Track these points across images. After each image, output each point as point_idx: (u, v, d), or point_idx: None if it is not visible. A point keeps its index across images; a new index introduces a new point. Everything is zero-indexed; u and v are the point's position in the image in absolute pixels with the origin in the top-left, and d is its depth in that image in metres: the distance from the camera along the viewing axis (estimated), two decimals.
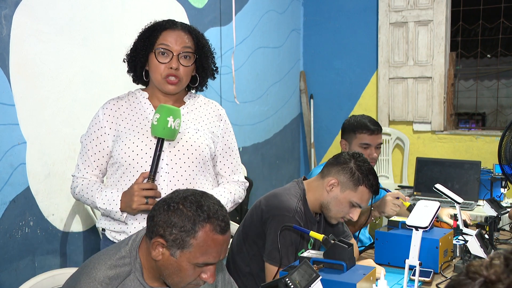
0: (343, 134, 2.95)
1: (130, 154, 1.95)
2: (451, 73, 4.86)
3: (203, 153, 2.00)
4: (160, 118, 1.86)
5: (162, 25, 2.00)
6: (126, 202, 1.89)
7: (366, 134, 2.87)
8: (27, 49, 2.71)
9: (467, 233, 2.51)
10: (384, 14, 4.93)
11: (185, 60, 1.98)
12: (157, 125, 1.87)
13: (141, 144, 1.95)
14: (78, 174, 2.03)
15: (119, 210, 1.91)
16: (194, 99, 2.12)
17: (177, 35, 1.97)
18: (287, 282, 1.49)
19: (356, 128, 2.88)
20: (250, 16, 4.50)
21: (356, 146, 2.87)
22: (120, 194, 1.92)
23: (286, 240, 2.11)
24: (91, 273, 1.46)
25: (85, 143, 2.03)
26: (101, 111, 2.03)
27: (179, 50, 1.96)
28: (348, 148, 2.89)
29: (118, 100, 2.05)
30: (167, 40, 1.96)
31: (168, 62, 1.95)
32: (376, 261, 2.30)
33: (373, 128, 2.88)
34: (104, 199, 1.94)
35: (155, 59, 1.96)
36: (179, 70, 1.96)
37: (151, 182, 1.87)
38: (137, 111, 2.02)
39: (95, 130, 2.01)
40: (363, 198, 2.18)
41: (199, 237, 1.38)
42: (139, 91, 2.08)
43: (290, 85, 5.19)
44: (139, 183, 1.88)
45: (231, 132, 2.16)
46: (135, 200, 1.86)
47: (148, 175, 1.88)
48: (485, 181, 3.46)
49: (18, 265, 2.68)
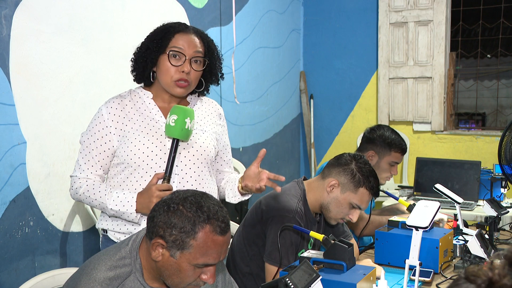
0: (371, 144, 2.87)
1: (140, 155, 1.94)
2: (451, 73, 4.86)
3: (210, 154, 2.04)
4: (178, 119, 1.86)
5: (175, 27, 1.99)
6: (143, 203, 1.88)
7: (400, 154, 2.86)
8: (27, 49, 2.70)
9: (467, 233, 2.51)
10: (384, 14, 4.93)
11: (196, 65, 1.98)
12: (174, 126, 1.87)
13: (151, 146, 1.95)
14: (81, 175, 1.99)
15: (134, 211, 1.90)
16: (196, 99, 2.13)
17: (190, 39, 1.97)
18: (287, 282, 1.49)
19: (392, 146, 2.83)
20: (250, 16, 4.50)
21: (386, 163, 2.84)
22: (134, 195, 1.91)
23: (286, 241, 2.11)
24: (91, 274, 1.46)
25: (88, 142, 1.99)
26: (105, 110, 1.99)
27: (192, 54, 1.96)
28: (376, 161, 2.83)
29: (122, 99, 2.03)
30: (179, 43, 1.96)
31: (180, 65, 1.95)
32: (376, 261, 2.30)
33: (405, 149, 2.90)
34: (116, 200, 1.92)
35: (167, 61, 1.95)
36: (190, 74, 1.96)
37: (167, 183, 1.87)
38: (143, 112, 2.01)
39: (99, 129, 1.98)
40: (363, 200, 2.18)
41: (199, 238, 1.38)
42: (141, 90, 2.06)
43: (290, 85, 5.19)
44: (155, 184, 1.86)
45: (226, 130, 2.23)
46: (155, 201, 1.82)
47: (163, 176, 1.88)
48: (485, 181, 3.46)
49: (18, 265, 2.68)
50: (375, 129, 2.92)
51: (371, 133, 2.90)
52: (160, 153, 1.94)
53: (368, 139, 2.90)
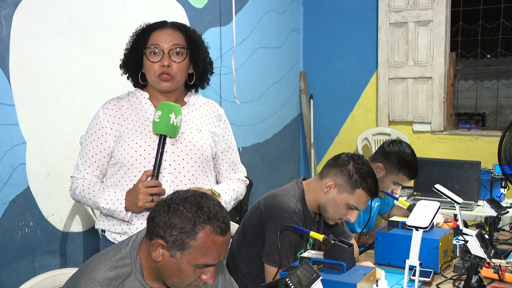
0: (384, 157, 2.78)
1: (132, 154, 1.94)
2: (451, 73, 4.86)
3: (205, 153, 2.01)
4: (162, 115, 1.87)
5: (151, 26, 2.01)
6: (131, 201, 1.89)
7: (408, 178, 2.79)
8: (27, 49, 2.70)
9: (467, 233, 2.51)
10: (384, 14, 4.93)
11: (177, 57, 1.98)
12: (159, 122, 1.87)
13: (144, 144, 1.95)
14: (78, 175, 2.02)
15: (123, 209, 1.91)
16: (194, 99, 2.12)
17: (166, 33, 1.99)
18: (288, 283, 1.49)
19: (403, 167, 2.75)
20: (250, 16, 4.50)
21: (390, 181, 2.77)
22: (124, 193, 1.91)
23: (285, 241, 2.11)
24: (91, 274, 1.46)
25: (86, 144, 2.02)
26: (101, 111, 2.02)
27: (169, 47, 1.97)
28: (382, 175, 2.75)
29: (118, 100, 2.05)
30: (156, 39, 1.97)
31: (159, 60, 1.96)
32: (376, 261, 2.30)
33: (415, 174, 2.82)
34: (107, 198, 1.93)
35: (147, 59, 1.97)
36: (172, 67, 1.96)
37: (155, 180, 1.87)
38: (138, 112, 2.02)
39: (95, 131, 2.01)
40: (360, 201, 2.17)
41: (199, 239, 1.38)
42: (138, 91, 2.08)
43: (290, 85, 5.19)
44: (143, 181, 1.87)
45: (230, 131, 2.18)
46: (141, 198, 1.85)
47: (152, 172, 1.88)
48: (485, 181, 3.46)
49: (18, 265, 2.68)
50: (394, 144, 2.81)
51: (389, 147, 2.80)
52: (153, 152, 1.93)
53: (383, 152, 2.80)
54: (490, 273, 2.13)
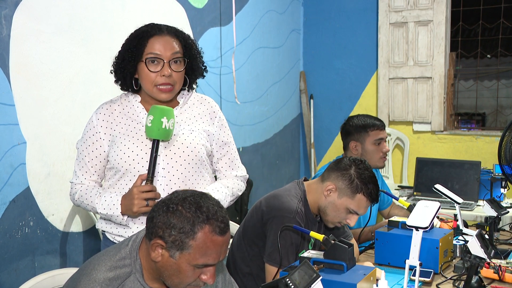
0: (349, 136, 2.93)
1: (126, 159, 1.94)
2: (451, 73, 4.86)
3: (199, 154, 2.00)
4: (154, 119, 1.85)
5: (148, 31, 1.96)
6: (127, 206, 1.89)
7: (379, 130, 2.90)
8: (27, 49, 2.70)
9: (467, 233, 2.51)
10: (384, 14, 4.93)
11: (176, 65, 1.95)
12: (151, 127, 1.86)
13: (137, 149, 1.94)
14: (76, 181, 2.03)
15: (120, 214, 1.91)
16: (186, 98, 2.10)
17: (165, 41, 1.94)
18: (288, 282, 1.49)
19: (367, 126, 2.89)
20: (250, 16, 4.50)
21: (370, 144, 2.88)
22: (119, 198, 1.91)
23: (286, 241, 2.11)
24: (91, 274, 1.46)
25: (81, 149, 2.02)
26: (94, 116, 2.02)
27: (170, 56, 1.93)
28: (361, 148, 2.88)
29: (111, 104, 2.05)
30: (155, 48, 1.93)
31: (159, 70, 1.93)
32: (376, 261, 2.31)
33: (381, 124, 2.94)
34: (104, 204, 1.93)
35: (145, 68, 1.93)
36: (172, 77, 1.94)
37: (150, 184, 1.87)
38: (131, 116, 2.01)
39: (90, 136, 2.00)
40: (361, 206, 2.16)
41: (198, 239, 1.38)
42: (131, 93, 2.07)
43: (290, 85, 5.19)
44: (138, 186, 1.87)
45: (226, 127, 2.14)
46: (136, 203, 1.85)
47: (146, 177, 1.87)
48: (485, 181, 3.46)
49: (18, 265, 2.68)
50: (346, 121, 2.98)
51: (345, 126, 2.97)
52: (146, 156, 1.93)
53: (345, 133, 2.96)
54: (490, 273, 2.13)
